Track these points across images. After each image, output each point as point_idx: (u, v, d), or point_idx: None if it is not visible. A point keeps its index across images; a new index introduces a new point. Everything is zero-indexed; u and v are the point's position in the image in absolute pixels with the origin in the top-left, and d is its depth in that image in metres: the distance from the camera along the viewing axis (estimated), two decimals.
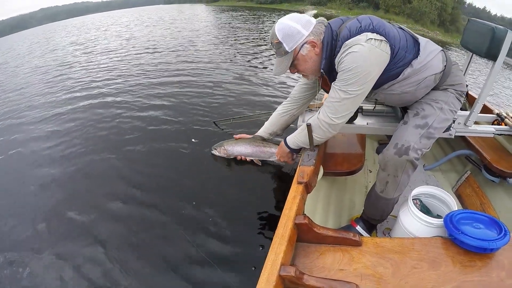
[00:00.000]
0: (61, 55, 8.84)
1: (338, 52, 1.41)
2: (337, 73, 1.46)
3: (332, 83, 1.49)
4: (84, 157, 2.90)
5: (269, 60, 6.64)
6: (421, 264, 1.16)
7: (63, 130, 3.54)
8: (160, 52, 7.77)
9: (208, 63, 6.35)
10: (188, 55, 7.20)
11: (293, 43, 1.45)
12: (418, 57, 1.46)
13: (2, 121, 4.14)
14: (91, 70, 6.32)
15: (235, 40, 9.74)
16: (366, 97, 1.58)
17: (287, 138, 1.82)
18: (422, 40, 1.52)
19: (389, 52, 1.39)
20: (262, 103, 4.15)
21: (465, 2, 46.23)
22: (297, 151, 1.84)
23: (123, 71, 5.99)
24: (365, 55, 1.33)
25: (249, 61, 6.73)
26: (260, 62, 6.54)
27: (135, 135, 3.25)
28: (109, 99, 4.42)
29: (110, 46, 9.24)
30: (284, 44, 1.45)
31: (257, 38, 10.02)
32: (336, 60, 1.43)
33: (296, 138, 1.75)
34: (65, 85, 5.47)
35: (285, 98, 2.09)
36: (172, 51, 7.78)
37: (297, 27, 1.45)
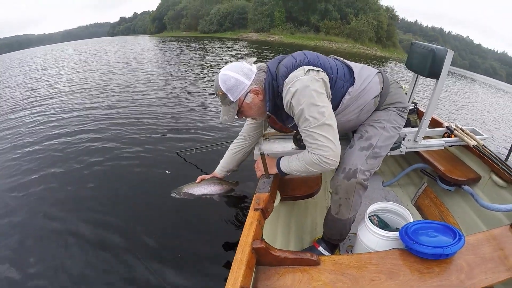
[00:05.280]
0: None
1: (282, 90, 1.43)
2: (285, 111, 1.48)
3: (303, 138, 1.43)
4: (49, 193, 2.84)
5: None
6: (379, 276, 1.17)
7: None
8: (109, 87, 7.54)
9: (161, 96, 6.43)
10: (138, 88, 7.22)
11: (237, 94, 1.47)
12: (354, 84, 1.50)
13: None
14: (44, 108, 5.97)
15: (183, 71, 9.90)
16: None
17: (281, 159, 1.63)
18: (356, 67, 1.57)
19: (328, 81, 1.42)
20: (222, 131, 4.23)
21: (398, 18, 49.63)
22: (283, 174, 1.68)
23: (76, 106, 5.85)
24: (306, 84, 1.34)
25: (202, 90, 6.91)
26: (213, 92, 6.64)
27: (97, 169, 3.23)
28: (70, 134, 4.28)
29: (58, 82, 8.77)
30: (229, 95, 1.47)
31: (206, 68, 10.26)
32: (285, 103, 1.42)
33: (291, 165, 1.56)
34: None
35: (242, 125, 2.12)
36: (118, 86, 7.59)
37: (240, 78, 1.46)
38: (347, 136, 2.03)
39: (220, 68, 1.56)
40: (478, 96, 14.42)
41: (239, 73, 1.47)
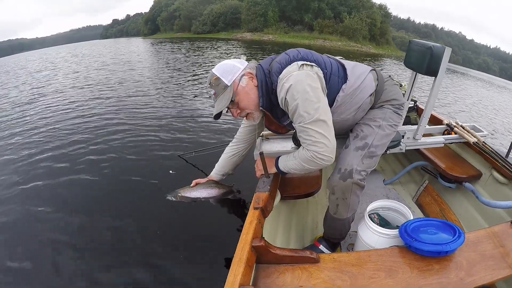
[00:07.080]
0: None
1: (276, 86, 1.41)
2: (280, 108, 1.47)
3: (298, 134, 1.43)
4: (46, 194, 2.82)
5: None
6: (378, 273, 1.17)
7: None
8: (105, 90, 7.45)
9: (159, 99, 6.37)
10: (136, 91, 7.15)
11: (231, 76, 1.47)
12: (347, 81, 1.48)
13: None
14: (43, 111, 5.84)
15: (179, 73, 9.85)
16: None
17: (279, 158, 1.64)
18: (349, 64, 1.55)
19: (322, 76, 1.40)
20: (220, 133, 4.24)
21: (391, 15, 50.17)
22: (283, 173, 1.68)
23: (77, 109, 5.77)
24: (300, 79, 1.32)
25: (201, 92, 6.87)
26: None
27: (103, 167, 3.24)
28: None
29: (56, 87, 8.49)
30: (223, 79, 1.46)
31: (202, 69, 10.28)
32: (279, 99, 1.40)
33: (288, 163, 1.57)
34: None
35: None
36: (116, 90, 7.44)
37: (233, 62, 1.52)
38: (345, 135, 2.02)
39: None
40: (476, 92, 14.52)
41: (232, 61, 1.54)
